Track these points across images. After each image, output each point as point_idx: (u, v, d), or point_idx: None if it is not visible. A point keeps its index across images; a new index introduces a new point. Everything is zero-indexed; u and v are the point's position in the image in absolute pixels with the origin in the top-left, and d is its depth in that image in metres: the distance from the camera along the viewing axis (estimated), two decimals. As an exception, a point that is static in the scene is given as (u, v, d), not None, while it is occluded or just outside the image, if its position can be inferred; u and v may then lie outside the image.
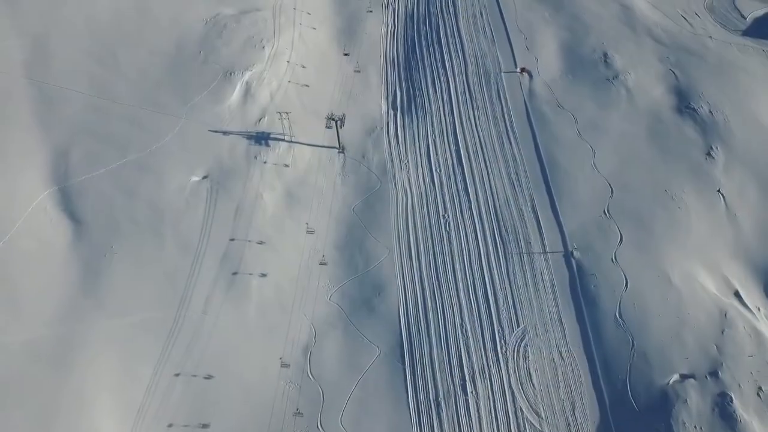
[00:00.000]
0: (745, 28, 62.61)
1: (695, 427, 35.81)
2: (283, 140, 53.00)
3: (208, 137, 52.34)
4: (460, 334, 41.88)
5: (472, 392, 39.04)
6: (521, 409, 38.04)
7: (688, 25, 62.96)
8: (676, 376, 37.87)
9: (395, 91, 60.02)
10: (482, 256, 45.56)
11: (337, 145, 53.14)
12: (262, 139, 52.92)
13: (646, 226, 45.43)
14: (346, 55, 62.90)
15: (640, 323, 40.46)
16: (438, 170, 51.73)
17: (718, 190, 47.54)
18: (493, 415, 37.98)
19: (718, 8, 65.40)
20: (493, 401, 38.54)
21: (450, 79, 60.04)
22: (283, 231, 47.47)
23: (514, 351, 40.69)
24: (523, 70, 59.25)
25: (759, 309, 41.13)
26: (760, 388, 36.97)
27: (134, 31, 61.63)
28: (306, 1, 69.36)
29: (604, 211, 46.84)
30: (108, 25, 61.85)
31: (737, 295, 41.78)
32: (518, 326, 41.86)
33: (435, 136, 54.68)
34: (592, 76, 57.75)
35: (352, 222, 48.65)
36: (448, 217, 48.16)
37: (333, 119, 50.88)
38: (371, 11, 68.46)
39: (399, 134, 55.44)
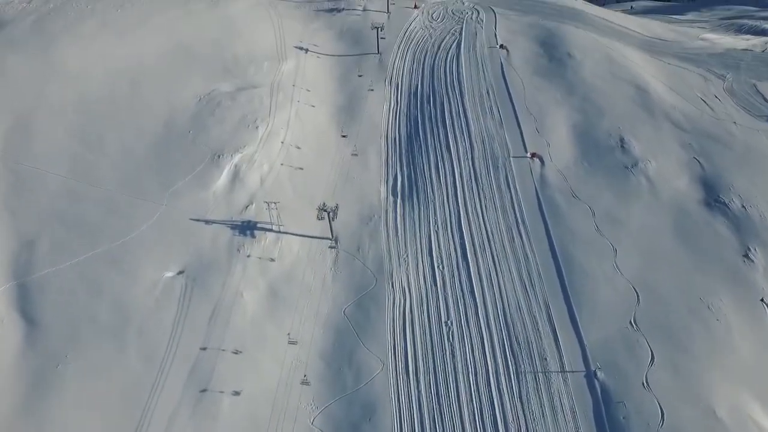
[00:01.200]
0: (770, 113, 58.65)
1: None
2: (271, 230, 48.29)
3: (188, 226, 47.76)
4: (464, 475, 35.22)
5: None
6: None
7: (708, 109, 59.13)
8: None
9: (396, 174, 55.80)
10: (490, 375, 39.31)
11: (330, 238, 48.30)
12: (247, 229, 48.23)
13: (681, 343, 39.25)
14: (344, 137, 59.37)
15: (681, 469, 33.74)
16: (440, 267, 46.41)
17: (762, 300, 41.63)
18: None
19: (739, 91, 61.81)
20: None
21: (455, 163, 55.88)
22: (263, 338, 41.73)
23: (529, 499, 33.88)
24: (533, 155, 55.03)
25: (826, 453, 34.28)
26: None
27: (124, 108, 58.76)
28: (306, 78, 66.96)
29: (631, 322, 40.85)
30: (99, 100, 59.17)
31: (797, 432, 35.08)
32: (534, 466, 35.18)
33: (438, 228, 49.75)
34: (608, 163, 53.28)
35: (341, 327, 42.91)
36: (452, 324, 42.36)
37: (325, 210, 46.23)
38: (372, 89, 65.69)
39: (398, 224, 50.60)
